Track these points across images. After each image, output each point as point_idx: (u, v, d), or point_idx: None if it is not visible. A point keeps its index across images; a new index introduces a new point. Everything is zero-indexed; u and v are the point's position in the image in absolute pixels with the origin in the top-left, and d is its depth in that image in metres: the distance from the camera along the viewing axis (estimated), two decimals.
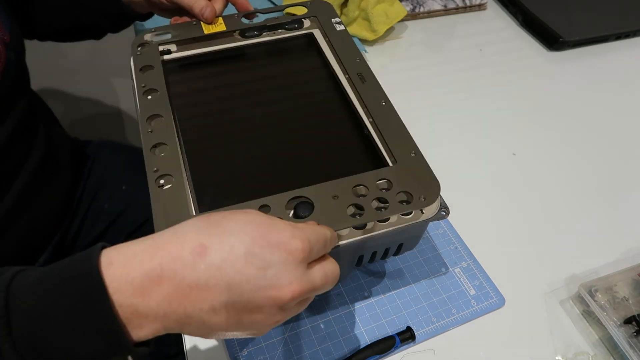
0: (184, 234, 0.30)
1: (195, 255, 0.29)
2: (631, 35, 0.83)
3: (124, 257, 0.29)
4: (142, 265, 0.29)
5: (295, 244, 0.30)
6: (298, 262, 0.30)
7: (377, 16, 0.76)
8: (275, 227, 0.31)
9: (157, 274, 0.28)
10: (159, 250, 0.29)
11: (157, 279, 0.28)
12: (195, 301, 0.29)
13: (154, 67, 0.49)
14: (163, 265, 0.29)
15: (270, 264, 0.29)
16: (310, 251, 0.31)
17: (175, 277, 0.28)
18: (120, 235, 0.73)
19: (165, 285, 0.28)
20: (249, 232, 0.30)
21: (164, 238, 0.30)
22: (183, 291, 0.29)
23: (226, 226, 0.30)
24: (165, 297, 0.28)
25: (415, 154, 0.42)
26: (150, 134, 0.43)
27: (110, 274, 0.28)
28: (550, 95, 0.73)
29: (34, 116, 0.63)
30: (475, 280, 0.51)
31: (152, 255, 0.29)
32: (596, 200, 0.59)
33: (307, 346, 0.46)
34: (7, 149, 0.56)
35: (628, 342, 0.45)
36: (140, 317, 0.28)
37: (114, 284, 0.28)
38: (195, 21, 0.55)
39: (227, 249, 0.29)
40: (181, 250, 0.29)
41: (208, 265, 0.29)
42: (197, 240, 0.29)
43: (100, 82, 1.27)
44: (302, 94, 0.51)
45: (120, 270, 0.28)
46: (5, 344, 0.27)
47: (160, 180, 0.40)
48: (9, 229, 0.58)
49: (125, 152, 0.82)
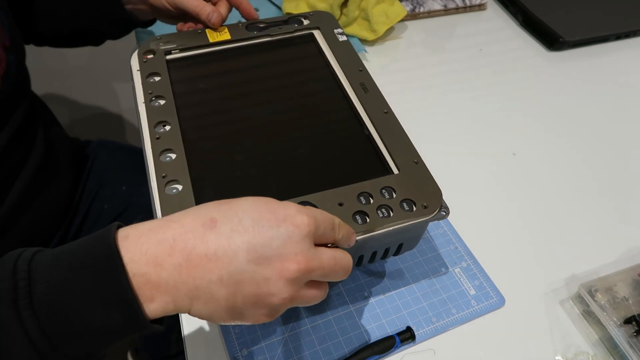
0: (196, 210, 0.32)
1: (206, 227, 0.30)
2: (631, 35, 0.83)
3: (139, 232, 0.31)
4: (155, 237, 0.30)
5: (301, 218, 0.31)
6: (304, 234, 0.31)
7: (377, 16, 0.76)
8: (283, 204, 0.32)
9: (169, 245, 0.30)
10: (172, 223, 0.31)
11: (169, 249, 0.30)
12: (204, 271, 0.30)
13: (161, 75, 0.50)
14: (175, 236, 0.30)
15: (276, 235, 0.31)
16: (316, 227, 0.32)
17: (186, 247, 0.30)
18: None
19: (177, 255, 0.30)
20: (257, 207, 0.32)
21: (177, 215, 0.32)
22: (193, 261, 0.30)
23: (236, 203, 0.32)
24: (176, 267, 0.30)
25: (417, 162, 0.43)
26: (157, 141, 0.44)
27: (125, 246, 0.30)
28: (550, 95, 0.73)
29: (34, 118, 0.63)
30: (475, 280, 0.51)
31: (166, 228, 0.30)
32: (596, 200, 0.59)
33: (307, 346, 0.46)
34: (7, 150, 0.56)
35: (628, 342, 0.45)
36: (152, 287, 0.29)
37: (128, 254, 0.29)
38: (200, 29, 0.56)
39: (236, 222, 0.31)
40: (193, 223, 0.31)
41: (217, 235, 0.30)
42: (208, 215, 0.31)
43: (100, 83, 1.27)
44: (307, 96, 0.51)
45: (134, 242, 0.30)
46: (25, 312, 0.28)
47: (168, 186, 0.40)
48: (10, 230, 0.58)
49: (125, 152, 0.82)
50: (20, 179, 0.59)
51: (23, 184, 0.59)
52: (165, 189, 0.40)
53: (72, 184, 0.71)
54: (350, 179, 0.42)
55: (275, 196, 0.40)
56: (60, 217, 0.68)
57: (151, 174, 0.41)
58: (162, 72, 0.50)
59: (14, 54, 0.56)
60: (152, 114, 0.46)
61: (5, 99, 0.55)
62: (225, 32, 0.56)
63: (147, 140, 0.44)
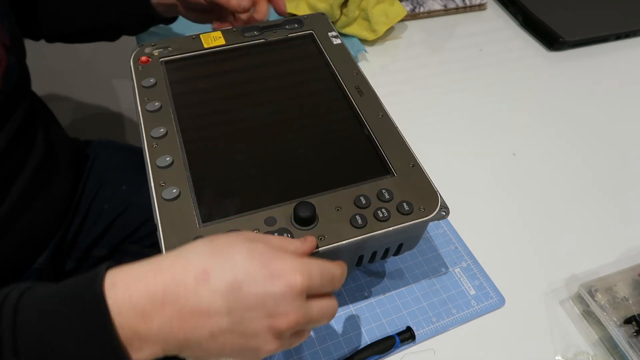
0: (187, 259, 0.30)
1: (199, 280, 0.29)
2: (631, 35, 0.83)
3: (127, 279, 0.30)
4: (145, 288, 0.29)
5: (295, 277, 0.31)
6: (296, 294, 0.31)
7: (377, 16, 0.76)
8: (278, 259, 0.31)
9: (159, 298, 0.29)
10: (162, 273, 0.30)
11: (159, 303, 0.29)
12: (196, 326, 0.29)
13: (157, 80, 0.50)
14: (166, 289, 0.29)
15: (269, 294, 0.30)
16: (310, 286, 0.32)
17: (178, 301, 0.29)
18: (120, 235, 0.73)
19: (168, 309, 0.29)
20: (251, 262, 0.31)
21: (167, 261, 0.31)
22: (184, 316, 0.29)
23: (230, 254, 0.31)
24: (166, 321, 0.29)
25: (413, 165, 0.43)
26: (155, 148, 0.44)
27: (113, 296, 0.29)
28: (550, 95, 0.73)
29: (34, 118, 0.63)
30: (475, 280, 0.51)
31: (156, 279, 0.29)
32: (596, 200, 0.59)
33: (307, 346, 0.46)
34: (7, 150, 0.56)
35: (628, 342, 0.45)
36: (140, 339, 0.29)
37: (116, 306, 0.28)
38: (194, 35, 0.56)
39: (230, 278, 0.30)
40: (184, 274, 0.30)
41: (210, 291, 0.29)
42: (200, 266, 0.30)
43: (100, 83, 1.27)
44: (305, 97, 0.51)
45: (123, 293, 0.29)
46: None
47: (168, 192, 0.40)
48: (10, 229, 0.58)
49: (125, 152, 0.82)
50: (20, 178, 0.59)
51: (23, 184, 0.59)
52: (164, 196, 0.40)
53: (72, 184, 0.71)
54: (349, 180, 0.42)
55: (275, 196, 0.41)
56: (60, 217, 0.68)
57: (150, 181, 0.41)
58: (158, 78, 0.50)
59: (15, 54, 0.56)
60: (149, 121, 0.46)
61: (5, 99, 0.54)
62: (220, 37, 0.56)
63: (145, 147, 0.44)
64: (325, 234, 0.38)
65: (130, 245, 0.74)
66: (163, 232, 0.38)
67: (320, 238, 0.38)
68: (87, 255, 0.72)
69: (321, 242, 0.38)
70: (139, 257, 0.78)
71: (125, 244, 0.73)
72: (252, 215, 0.39)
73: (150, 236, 0.74)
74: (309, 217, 0.38)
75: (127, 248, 0.74)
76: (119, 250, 0.73)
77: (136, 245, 0.74)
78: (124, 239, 0.73)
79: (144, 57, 0.52)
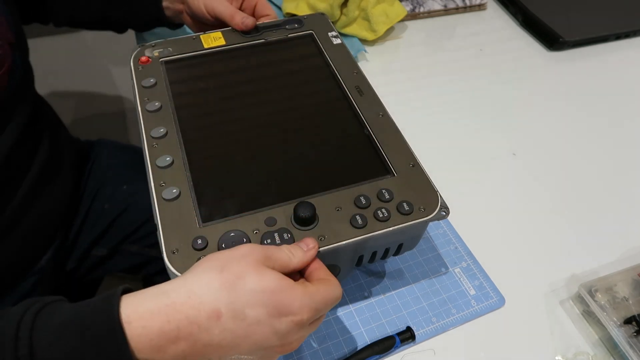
0: (199, 297, 0.31)
1: (211, 320, 0.31)
2: (631, 35, 0.83)
3: (142, 317, 0.31)
4: (160, 327, 0.30)
5: (302, 315, 0.33)
6: (301, 327, 0.33)
7: (377, 16, 0.76)
8: (288, 297, 0.33)
9: (174, 335, 0.30)
10: (175, 313, 0.31)
11: (174, 339, 0.30)
12: (206, 356, 0.32)
13: (157, 81, 0.50)
14: (180, 327, 0.31)
15: (277, 330, 0.32)
16: (314, 317, 0.34)
17: (191, 337, 0.31)
18: (120, 235, 0.73)
19: (182, 344, 0.31)
20: (262, 302, 0.32)
21: (180, 299, 0.31)
22: (197, 349, 0.31)
23: (241, 292, 0.32)
24: (179, 354, 0.31)
25: (413, 165, 0.43)
26: (155, 148, 0.44)
27: (130, 332, 0.30)
28: (550, 95, 0.73)
29: (40, 118, 0.63)
30: (475, 280, 0.51)
31: (170, 318, 0.31)
32: (596, 199, 0.59)
33: (307, 346, 0.46)
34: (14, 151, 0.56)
35: (628, 342, 0.45)
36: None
37: (133, 342, 0.30)
38: (194, 36, 0.56)
39: (241, 318, 0.32)
40: (198, 314, 0.31)
41: (222, 330, 0.31)
42: (212, 305, 0.31)
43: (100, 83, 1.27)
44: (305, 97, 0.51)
45: (139, 331, 0.30)
46: None
47: (168, 193, 0.40)
48: (14, 229, 0.58)
49: (126, 152, 0.82)
50: (26, 179, 0.59)
51: (29, 184, 0.59)
52: (164, 196, 0.40)
53: (74, 184, 0.71)
54: (349, 180, 0.42)
55: (275, 196, 0.41)
56: (62, 217, 0.68)
57: (150, 181, 0.41)
58: (158, 78, 0.50)
59: (19, 51, 0.56)
60: (149, 121, 0.46)
61: (11, 97, 0.54)
62: (220, 37, 0.56)
63: (145, 147, 0.44)
64: (325, 234, 0.38)
65: (130, 245, 0.74)
66: (163, 232, 0.38)
67: (320, 238, 0.38)
68: (88, 255, 0.72)
69: (321, 242, 0.38)
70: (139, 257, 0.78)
71: (126, 244, 0.73)
72: (252, 215, 0.39)
73: (150, 236, 0.74)
74: (309, 217, 0.38)
75: (127, 248, 0.74)
76: (119, 250, 0.73)
77: (136, 245, 0.74)
78: (124, 239, 0.73)
79: (144, 57, 0.52)
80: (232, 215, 0.40)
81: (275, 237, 0.38)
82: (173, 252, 0.37)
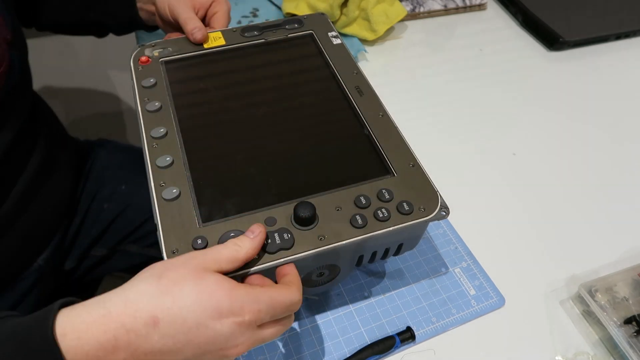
0: (135, 304, 0.31)
1: (149, 327, 0.30)
2: (631, 35, 0.83)
3: (77, 329, 0.30)
4: (96, 338, 0.30)
5: (243, 316, 0.32)
6: (245, 329, 0.32)
7: (377, 16, 0.76)
8: (228, 298, 0.32)
9: (111, 345, 0.30)
10: (111, 322, 0.30)
11: (111, 349, 0.30)
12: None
13: (157, 81, 0.50)
14: (117, 337, 0.30)
15: (220, 333, 0.31)
16: (259, 319, 0.33)
17: (130, 345, 0.30)
18: (119, 235, 0.73)
19: (121, 354, 0.30)
20: (202, 303, 0.31)
21: (116, 307, 0.31)
22: (138, 356, 0.30)
23: (178, 296, 0.31)
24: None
25: (413, 165, 0.43)
26: (155, 148, 0.44)
27: (64, 345, 0.29)
28: (550, 95, 0.73)
29: (37, 116, 0.63)
30: (475, 280, 0.51)
31: (106, 328, 0.30)
32: (596, 200, 0.59)
33: (307, 346, 0.46)
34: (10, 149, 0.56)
35: (628, 342, 0.45)
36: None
37: (69, 355, 0.29)
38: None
39: (180, 322, 0.31)
40: (134, 322, 0.30)
41: (161, 335, 0.31)
42: (149, 312, 0.31)
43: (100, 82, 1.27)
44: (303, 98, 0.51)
45: (74, 342, 0.30)
46: None
47: (166, 194, 0.40)
48: (10, 229, 0.58)
49: (125, 152, 0.82)
50: (22, 177, 0.59)
51: (25, 183, 0.59)
52: (164, 196, 0.40)
53: (73, 184, 0.71)
54: (349, 180, 0.42)
55: (275, 196, 0.41)
56: (60, 217, 0.68)
57: (150, 181, 0.41)
58: (158, 78, 0.50)
59: (17, 50, 0.56)
60: (149, 121, 0.46)
61: (7, 97, 0.54)
62: (220, 37, 0.56)
63: (145, 147, 0.44)
64: (325, 234, 0.38)
65: (130, 245, 0.74)
66: (163, 232, 0.38)
67: (320, 238, 0.38)
68: (87, 255, 0.72)
69: (321, 242, 0.38)
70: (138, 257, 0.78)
71: (125, 244, 0.74)
72: (252, 215, 0.39)
73: (150, 236, 0.74)
74: (309, 217, 0.38)
75: (126, 248, 0.74)
76: (118, 249, 0.73)
77: (136, 245, 0.74)
78: (123, 239, 0.73)
79: (144, 57, 0.52)
80: (232, 215, 0.39)
81: (275, 237, 0.38)
82: (173, 252, 0.37)
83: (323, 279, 0.43)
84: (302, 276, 0.41)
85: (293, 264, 0.37)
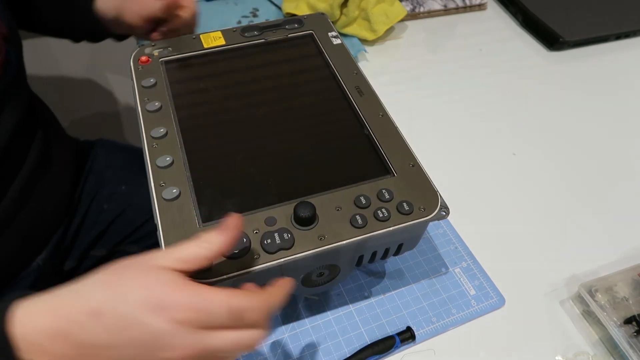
0: (82, 296, 0.32)
1: (91, 319, 0.31)
2: (631, 35, 0.83)
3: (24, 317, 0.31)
4: (40, 326, 0.31)
5: (181, 313, 0.30)
6: (183, 329, 0.30)
7: (377, 16, 0.76)
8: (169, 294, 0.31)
9: (52, 333, 0.30)
10: (55, 312, 0.31)
11: (52, 338, 0.30)
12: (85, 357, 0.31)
13: (157, 81, 0.50)
14: (60, 326, 0.31)
15: (154, 329, 0.30)
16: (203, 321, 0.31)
17: (70, 337, 0.30)
18: (119, 235, 0.73)
19: (61, 343, 0.30)
20: (139, 298, 0.31)
21: (62, 299, 0.32)
22: (77, 349, 0.31)
23: (121, 291, 0.31)
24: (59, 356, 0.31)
25: (413, 165, 0.43)
26: (155, 148, 0.44)
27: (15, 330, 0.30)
28: (550, 95, 0.73)
29: (33, 115, 0.63)
30: (475, 280, 0.51)
31: (50, 317, 0.31)
32: (596, 200, 0.59)
33: (307, 346, 0.46)
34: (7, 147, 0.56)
35: (628, 342, 0.45)
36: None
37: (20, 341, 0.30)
38: (195, 35, 0.56)
39: (120, 316, 0.30)
40: (77, 313, 0.31)
41: (103, 329, 0.30)
42: (94, 305, 0.31)
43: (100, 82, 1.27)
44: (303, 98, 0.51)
45: (19, 330, 0.30)
46: None
47: (167, 194, 0.40)
48: (8, 228, 0.58)
49: (125, 152, 0.82)
50: (19, 176, 0.59)
51: (22, 182, 0.59)
52: (164, 196, 0.40)
53: (72, 184, 0.71)
54: (349, 180, 0.42)
55: (275, 196, 0.41)
56: (59, 217, 0.68)
57: (150, 181, 0.41)
58: (158, 78, 0.50)
59: (13, 44, 0.56)
60: (149, 121, 0.46)
61: (4, 91, 0.54)
62: (220, 37, 0.56)
63: (145, 147, 0.44)
64: (325, 234, 0.38)
65: (130, 246, 0.74)
66: (163, 232, 0.38)
67: (320, 238, 0.38)
68: (87, 255, 0.72)
69: (321, 242, 0.38)
70: None
71: (125, 244, 0.73)
72: (252, 215, 0.39)
73: (150, 236, 0.74)
74: (309, 217, 0.38)
75: (127, 248, 0.74)
76: (118, 250, 0.73)
77: (136, 245, 0.74)
78: (123, 239, 0.73)
79: (144, 57, 0.52)
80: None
81: (275, 237, 0.38)
82: None
83: (323, 279, 0.43)
84: (302, 276, 0.41)
85: (290, 278, 0.36)
